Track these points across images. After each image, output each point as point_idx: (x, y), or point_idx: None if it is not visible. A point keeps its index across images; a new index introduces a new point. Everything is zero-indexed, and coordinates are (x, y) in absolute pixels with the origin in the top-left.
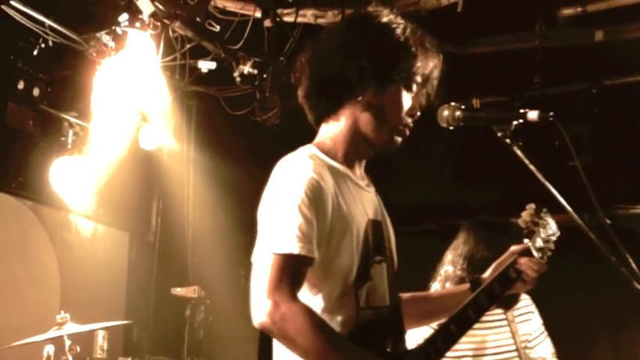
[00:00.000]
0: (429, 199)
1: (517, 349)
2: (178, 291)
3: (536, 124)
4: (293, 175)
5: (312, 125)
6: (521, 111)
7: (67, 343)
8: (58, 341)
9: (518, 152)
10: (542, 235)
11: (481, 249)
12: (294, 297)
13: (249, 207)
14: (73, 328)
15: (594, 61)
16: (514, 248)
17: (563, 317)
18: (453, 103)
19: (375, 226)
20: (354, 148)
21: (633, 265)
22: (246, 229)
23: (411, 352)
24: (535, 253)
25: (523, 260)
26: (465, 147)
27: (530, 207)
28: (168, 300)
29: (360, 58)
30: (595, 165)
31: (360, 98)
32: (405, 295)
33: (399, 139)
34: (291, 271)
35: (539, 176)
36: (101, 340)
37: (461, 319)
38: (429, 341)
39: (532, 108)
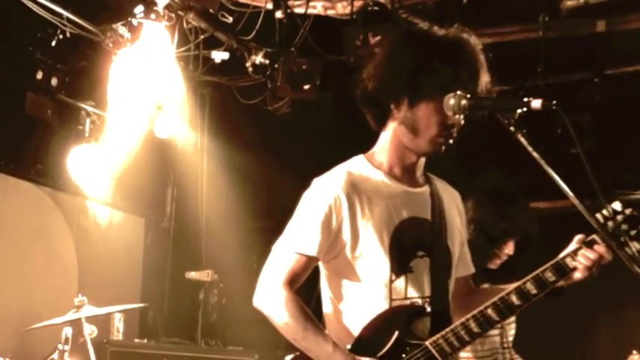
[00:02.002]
0: None
1: (502, 327)
2: (192, 275)
3: (539, 113)
4: (321, 188)
5: (324, 116)
6: (525, 100)
7: (85, 325)
8: (76, 324)
9: (522, 140)
10: (624, 228)
11: (494, 216)
12: (284, 285)
13: (261, 193)
14: (90, 310)
15: (596, 51)
16: (579, 238)
17: (564, 300)
18: (459, 92)
19: (416, 223)
20: (400, 157)
21: (634, 249)
22: (257, 215)
23: (441, 334)
24: (603, 243)
25: (582, 250)
26: (470, 135)
27: (616, 203)
28: (182, 283)
29: (387, 78)
30: (596, 152)
31: (395, 112)
32: (485, 287)
33: (440, 147)
34: (293, 266)
35: (543, 163)
36: (118, 323)
37: (501, 305)
38: (462, 324)
39: (535, 97)
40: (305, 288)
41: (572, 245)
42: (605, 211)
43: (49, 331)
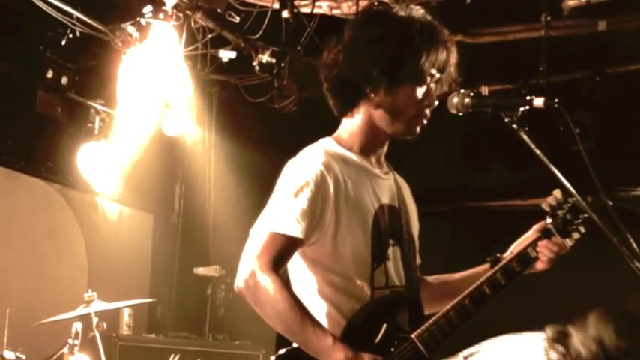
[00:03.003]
0: (439, 182)
1: None
2: (200, 270)
3: (541, 111)
4: (301, 167)
5: (330, 113)
6: (528, 98)
7: (95, 320)
8: (85, 318)
9: (525, 137)
10: (568, 218)
11: (612, 335)
12: (272, 269)
13: (268, 190)
14: (100, 305)
15: (597, 50)
16: (537, 227)
17: (566, 293)
18: (462, 91)
19: (389, 211)
20: (370, 140)
21: (634, 245)
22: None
23: (425, 326)
24: (557, 234)
25: (542, 241)
26: (474, 132)
27: (557, 191)
28: (190, 279)
29: (365, 62)
30: (597, 149)
31: (372, 96)
32: (431, 277)
33: (417, 129)
34: (279, 248)
35: (545, 160)
36: (127, 317)
37: (476, 295)
38: (443, 316)
39: (538, 95)
40: None
41: (531, 234)
42: (550, 200)
43: (60, 325)
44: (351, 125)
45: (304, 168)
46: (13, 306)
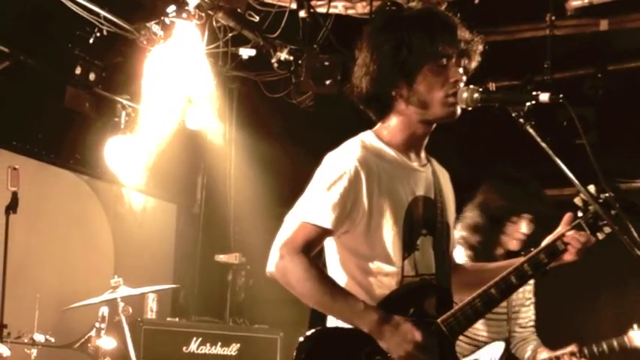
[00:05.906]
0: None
1: (508, 317)
2: (221, 257)
3: (546, 106)
4: (338, 161)
5: (345, 108)
6: (534, 93)
7: (120, 304)
8: (112, 303)
9: (531, 131)
10: (600, 213)
11: (495, 197)
12: (300, 253)
13: (285, 181)
14: (125, 291)
15: (599, 48)
16: (565, 220)
17: (569, 277)
18: (471, 86)
19: (424, 202)
20: (408, 135)
21: (634, 234)
22: (282, 201)
23: (451, 312)
24: (586, 228)
25: (570, 233)
26: (482, 126)
27: (591, 187)
28: (212, 266)
29: (376, 73)
30: (600, 143)
31: (399, 97)
32: (468, 264)
33: (453, 109)
34: (308, 236)
35: (550, 153)
36: (151, 302)
37: (502, 285)
38: (469, 303)
39: (543, 91)
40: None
41: (561, 227)
42: (583, 195)
43: (87, 310)
44: (389, 125)
45: (340, 162)
46: (43, 291)
